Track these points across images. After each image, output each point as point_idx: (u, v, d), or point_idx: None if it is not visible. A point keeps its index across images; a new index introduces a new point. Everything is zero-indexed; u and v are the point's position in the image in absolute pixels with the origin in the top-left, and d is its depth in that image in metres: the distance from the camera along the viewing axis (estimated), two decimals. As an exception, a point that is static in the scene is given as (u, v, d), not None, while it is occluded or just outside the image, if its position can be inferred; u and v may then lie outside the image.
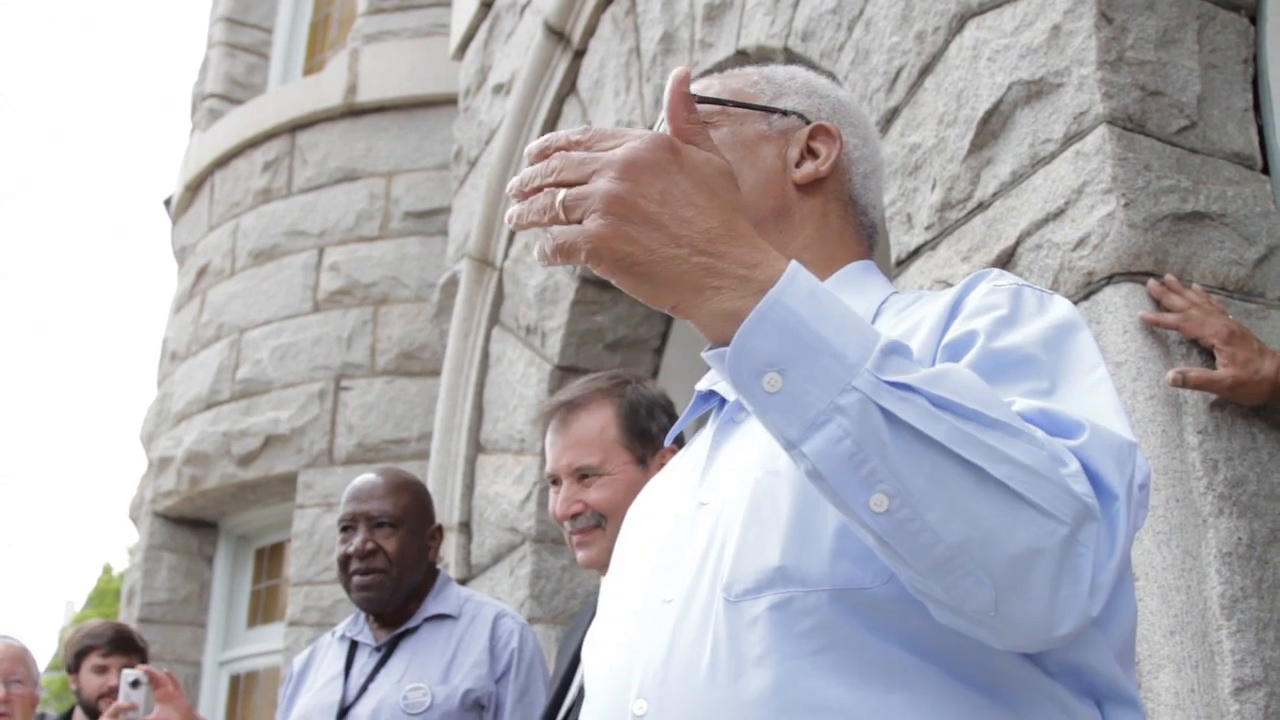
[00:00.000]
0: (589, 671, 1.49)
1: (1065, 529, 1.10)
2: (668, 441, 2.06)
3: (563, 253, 1.14)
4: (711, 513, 1.39)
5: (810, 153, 1.63)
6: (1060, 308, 1.37)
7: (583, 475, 2.66)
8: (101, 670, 4.67)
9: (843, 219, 1.64)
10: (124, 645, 4.74)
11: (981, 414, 1.11)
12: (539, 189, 1.17)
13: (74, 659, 4.83)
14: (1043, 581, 1.10)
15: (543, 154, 1.19)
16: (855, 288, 1.56)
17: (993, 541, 1.09)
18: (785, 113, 1.65)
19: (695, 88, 1.65)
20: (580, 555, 2.65)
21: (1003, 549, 1.09)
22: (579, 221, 1.13)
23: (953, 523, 1.09)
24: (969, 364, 1.26)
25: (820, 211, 1.62)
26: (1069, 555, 1.10)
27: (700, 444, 1.56)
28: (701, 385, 1.63)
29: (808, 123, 1.64)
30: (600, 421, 2.69)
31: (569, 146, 1.18)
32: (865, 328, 1.13)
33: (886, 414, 1.08)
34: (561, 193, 1.14)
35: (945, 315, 1.39)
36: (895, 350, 1.13)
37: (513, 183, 1.19)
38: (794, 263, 1.14)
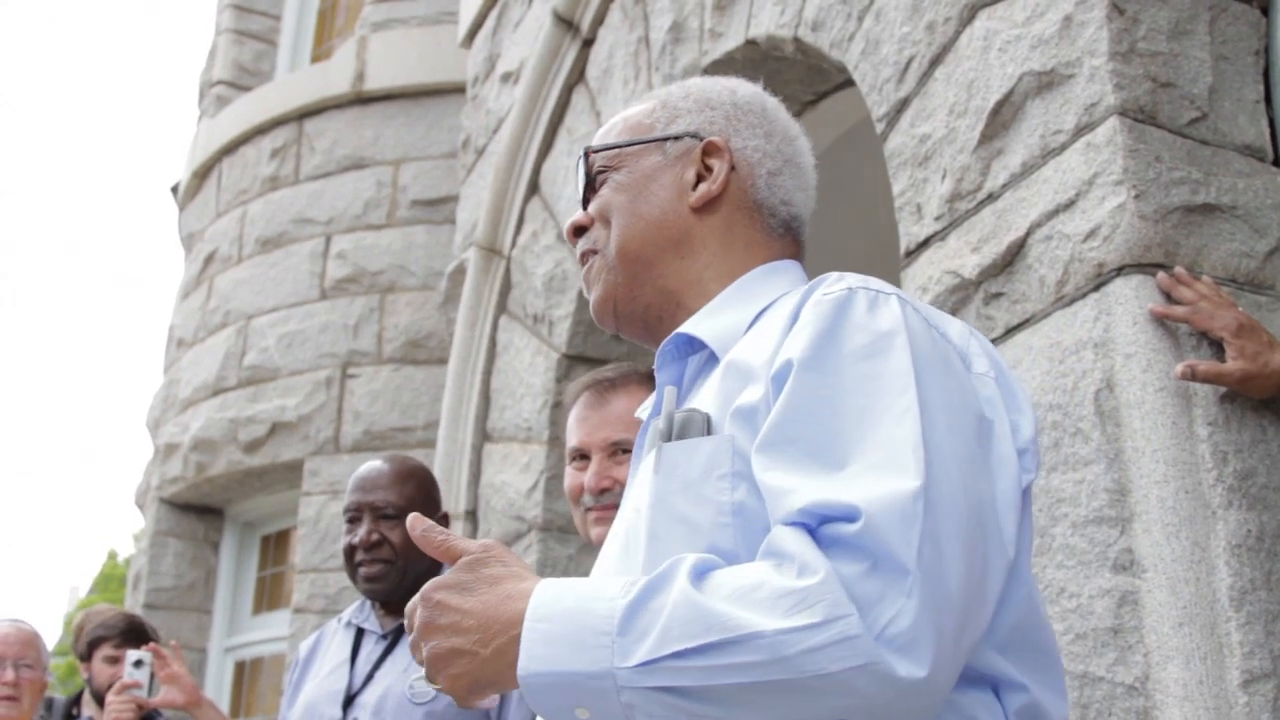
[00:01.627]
0: None
1: (837, 674, 1.19)
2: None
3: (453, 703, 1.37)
4: (617, 534, 1.54)
5: (707, 170, 1.68)
6: (884, 317, 1.40)
7: (617, 452, 2.63)
8: (114, 661, 4.70)
9: (749, 226, 1.68)
10: (136, 636, 4.76)
11: (708, 645, 1.21)
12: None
13: (86, 648, 4.86)
14: (864, 709, 1.20)
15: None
16: (743, 298, 1.60)
17: (806, 712, 1.21)
18: (677, 137, 1.70)
19: (599, 134, 1.77)
20: (596, 532, 2.62)
21: (815, 711, 1.21)
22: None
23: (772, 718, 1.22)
24: (775, 421, 1.33)
25: (723, 227, 1.67)
26: (859, 680, 1.19)
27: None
28: (638, 412, 1.75)
29: (701, 140, 1.69)
30: (639, 404, 2.67)
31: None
32: (601, 624, 1.25)
33: (656, 689, 1.22)
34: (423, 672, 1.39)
35: (782, 331, 1.43)
36: (630, 616, 1.24)
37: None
38: (531, 601, 1.29)
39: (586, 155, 1.75)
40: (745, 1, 4.51)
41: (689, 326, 1.60)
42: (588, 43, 5.87)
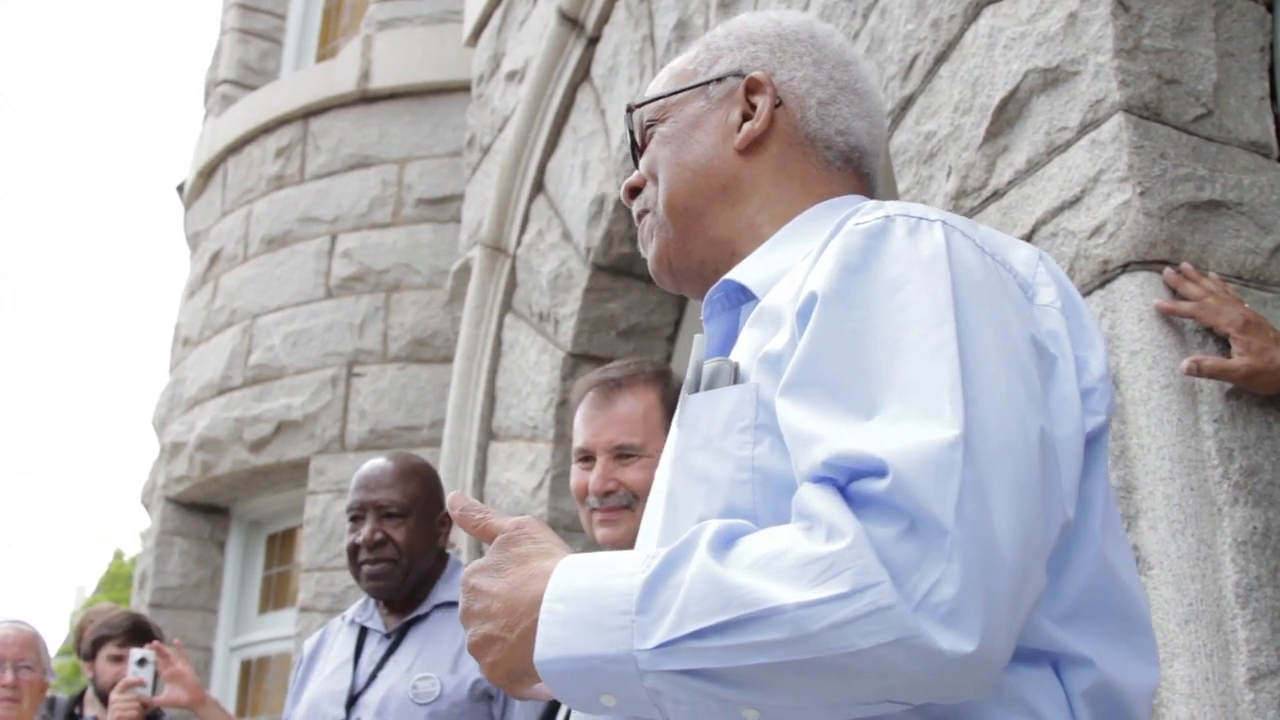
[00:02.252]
0: None
1: (868, 651, 1.08)
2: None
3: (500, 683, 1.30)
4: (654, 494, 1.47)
5: (751, 108, 1.59)
6: (925, 244, 1.27)
7: (621, 454, 2.62)
8: (117, 660, 4.71)
9: (803, 162, 1.58)
10: (140, 635, 4.77)
11: (727, 622, 1.12)
12: None
13: (90, 647, 4.87)
14: (902, 685, 1.10)
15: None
16: (795, 238, 1.49)
17: (839, 692, 1.12)
18: (720, 79, 1.62)
19: (648, 88, 1.72)
20: (602, 533, 2.61)
21: (849, 691, 1.12)
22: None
23: (803, 698, 1.14)
24: (800, 360, 1.23)
25: (774, 166, 1.58)
26: (895, 656, 1.08)
27: None
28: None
29: (743, 78, 1.61)
30: (645, 404, 2.65)
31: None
32: (621, 596, 1.17)
33: (679, 672, 1.14)
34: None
35: (812, 263, 1.34)
36: (649, 594, 1.16)
37: None
38: (550, 582, 1.22)
39: (630, 111, 1.70)
40: (749, 0, 4.50)
41: (736, 273, 1.49)
42: (593, 41, 5.88)
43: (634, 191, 1.68)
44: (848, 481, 1.14)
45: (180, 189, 10.73)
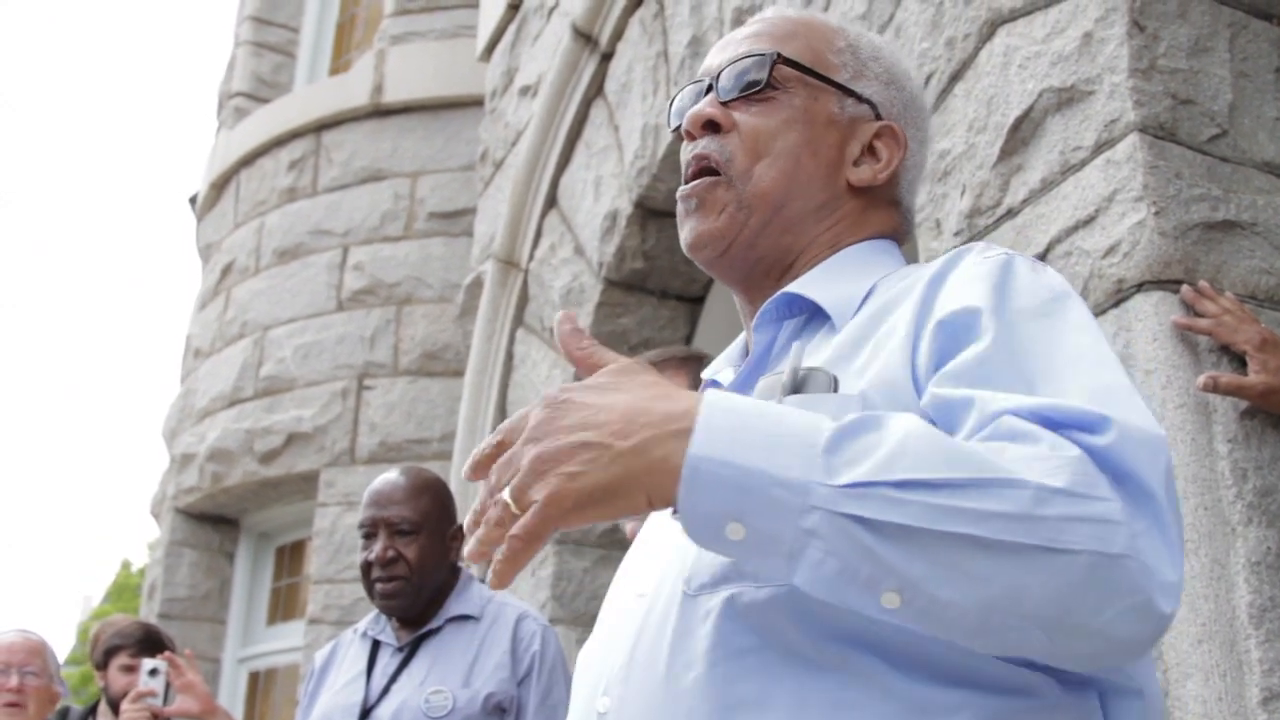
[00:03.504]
0: (575, 669, 1.47)
1: (1084, 556, 1.04)
2: None
3: (528, 533, 1.11)
4: None
5: (870, 151, 1.56)
6: (1054, 277, 1.33)
7: None
8: (129, 670, 4.72)
9: (880, 216, 1.57)
10: (152, 645, 4.78)
11: (950, 480, 1.06)
12: (485, 508, 1.18)
13: (103, 657, 4.89)
14: (1087, 610, 1.06)
15: (475, 471, 1.20)
16: (855, 270, 1.49)
17: (1017, 596, 1.05)
18: (860, 99, 1.57)
19: (757, 29, 1.59)
20: (630, 526, 2.61)
21: (1030, 599, 1.05)
22: (529, 505, 1.12)
23: (969, 593, 1.06)
24: (970, 358, 1.21)
25: (861, 209, 1.55)
26: (1108, 574, 1.05)
27: None
28: (706, 373, 1.60)
29: (878, 117, 1.57)
30: (677, 385, 2.66)
31: (497, 454, 1.18)
32: (802, 430, 1.09)
33: (856, 519, 1.05)
34: (505, 493, 1.13)
35: (927, 288, 1.33)
36: (841, 438, 1.09)
37: (466, 520, 1.19)
38: (707, 396, 1.13)
39: (755, 54, 1.55)
40: (764, 16, 4.51)
41: (804, 289, 1.46)
42: (606, 57, 5.89)
43: (711, 127, 1.54)
44: (1054, 427, 1.11)
45: (193, 201, 10.76)
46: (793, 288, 1.47)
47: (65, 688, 4.77)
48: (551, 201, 6.23)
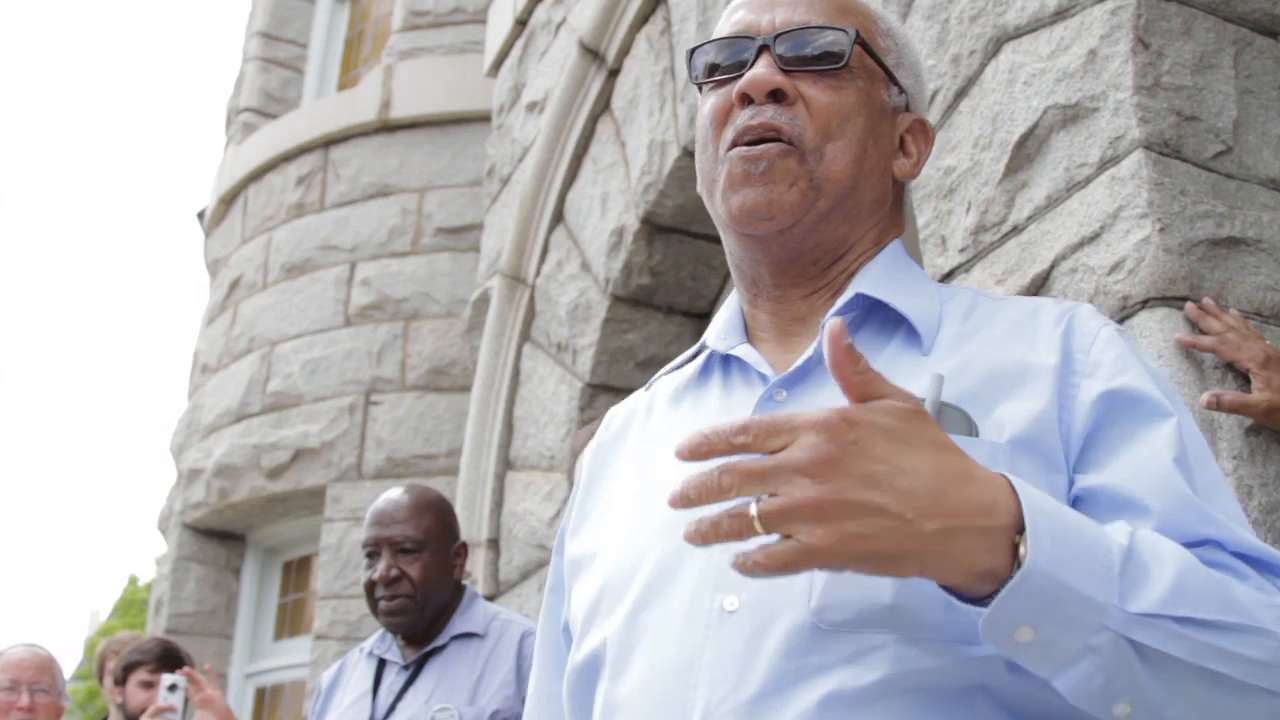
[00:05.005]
0: (611, 656, 1.35)
1: None
2: (647, 386, 1.66)
3: (781, 565, 1.03)
4: None
5: (901, 145, 1.53)
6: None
7: None
8: (148, 685, 4.74)
9: (897, 209, 1.55)
10: (171, 661, 4.80)
11: (1218, 622, 1.11)
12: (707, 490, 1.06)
13: (121, 672, 4.91)
14: None
15: (695, 454, 1.07)
16: (911, 277, 1.47)
17: None
18: (901, 89, 1.53)
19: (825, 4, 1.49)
20: None
21: None
22: (787, 535, 1.03)
23: (1192, 715, 1.12)
24: (1150, 456, 1.24)
25: (893, 202, 1.53)
26: None
27: (717, 406, 1.45)
28: (717, 345, 1.50)
29: (907, 109, 1.54)
30: None
31: (731, 451, 1.06)
32: (1099, 547, 1.10)
33: (1136, 646, 1.08)
34: (753, 507, 1.03)
35: (1063, 345, 1.34)
36: (1130, 560, 1.10)
37: (674, 494, 1.06)
38: (1025, 500, 1.08)
39: (833, 27, 1.46)
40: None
41: (886, 296, 1.42)
42: (613, 73, 5.90)
43: (776, 96, 1.44)
44: (1259, 568, 1.20)
45: (201, 216, 10.78)
46: (869, 290, 1.42)
47: (70, 702, 4.78)
48: (558, 217, 6.24)
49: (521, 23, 7.03)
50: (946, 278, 3.34)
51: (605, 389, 5.67)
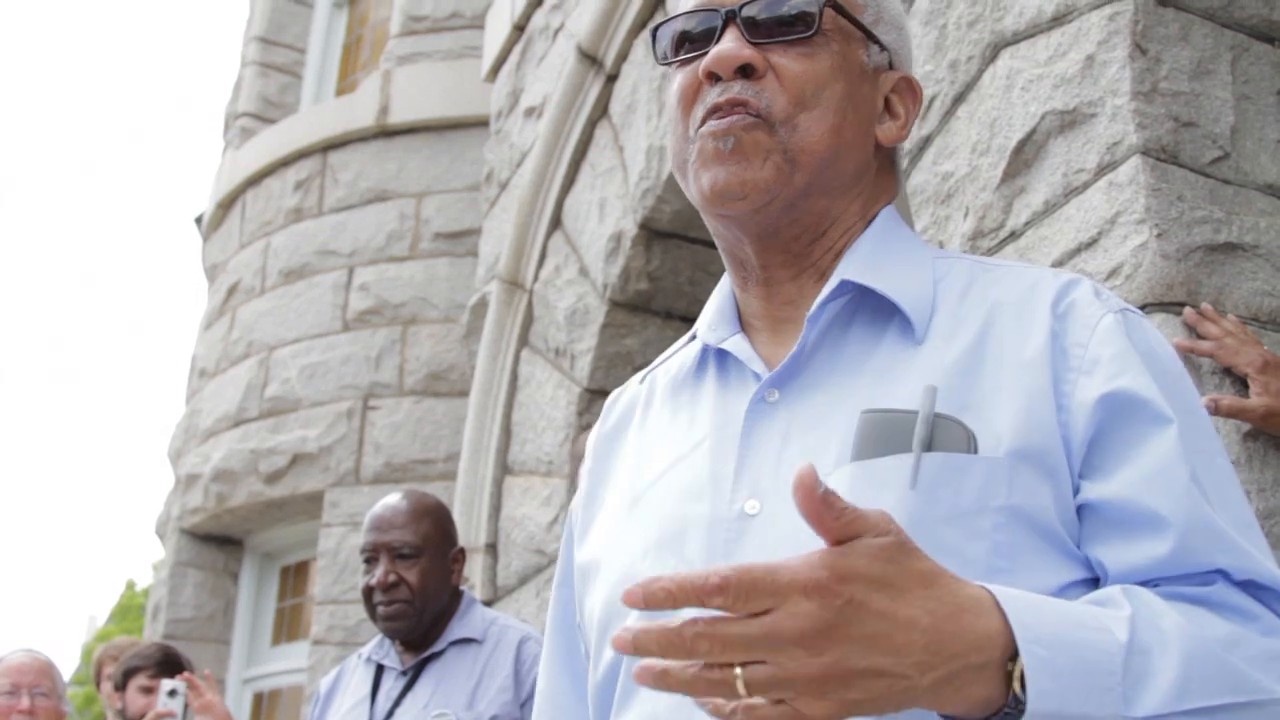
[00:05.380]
0: (621, 682, 1.32)
1: None
2: (642, 377, 1.60)
3: None
4: (769, 529, 1.24)
5: (887, 106, 1.45)
6: (1172, 349, 1.34)
7: None
8: (148, 691, 4.75)
9: (890, 183, 1.48)
10: (171, 666, 4.80)
11: (1229, 704, 1.09)
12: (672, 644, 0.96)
13: (121, 678, 4.91)
14: None
15: (652, 604, 0.95)
16: (899, 251, 1.40)
17: None
18: (882, 46, 1.44)
19: None
20: None
21: None
22: (777, 700, 0.96)
23: None
24: (1154, 467, 1.20)
25: (878, 169, 1.45)
26: None
27: (712, 409, 1.39)
28: (708, 337, 1.44)
29: (890, 66, 1.45)
30: None
31: (703, 606, 0.95)
32: (1101, 657, 1.06)
33: None
34: (738, 672, 0.95)
35: (1051, 335, 1.28)
36: (1132, 657, 1.07)
37: (625, 639, 0.95)
38: (1018, 629, 1.03)
39: None
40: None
41: (872, 281, 1.35)
42: (611, 78, 5.90)
43: (744, 71, 1.36)
44: (1265, 594, 1.18)
45: (199, 221, 10.78)
46: (856, 276, 1.35)
47: (70, 707, 4.78)
48: (556, 222, 6.24)
49: (519, 28, 7.03)
50: (944, 283, 3.33)
51: (603, 394, 5.67)
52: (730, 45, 1.36)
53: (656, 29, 1.46)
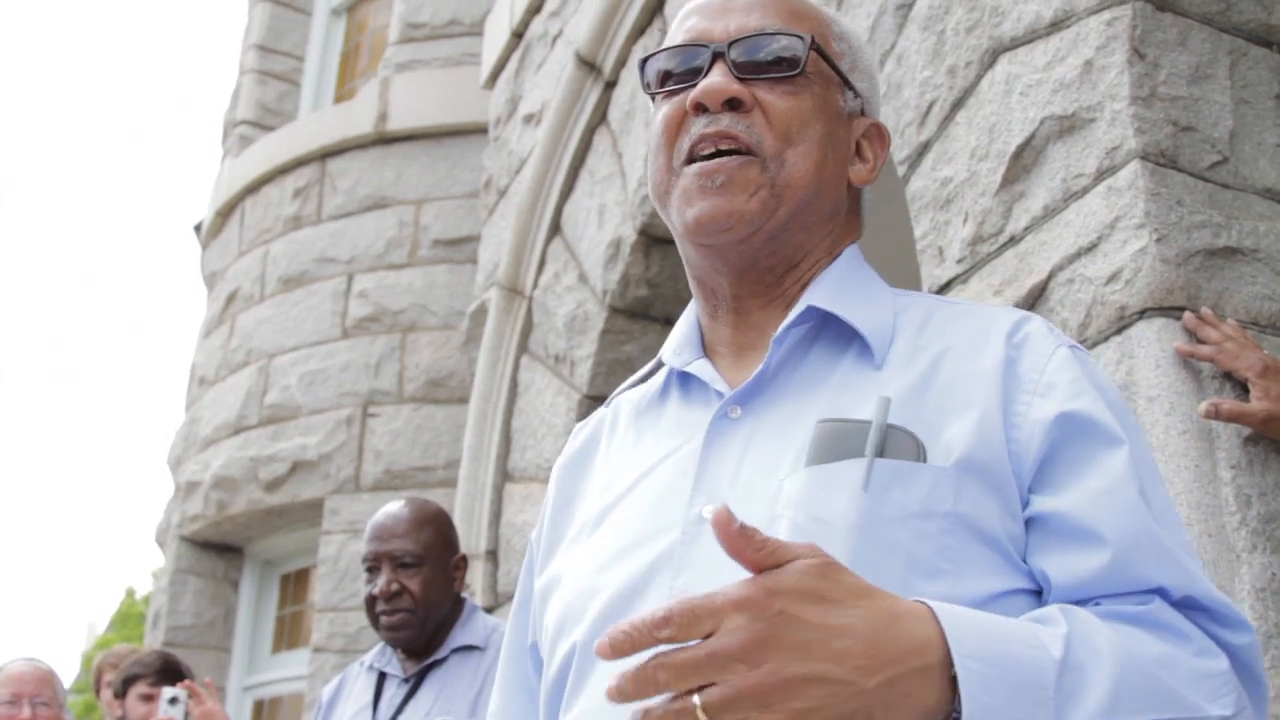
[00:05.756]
0: (570, 683, 1.35)
1: None
2: (608, 402, 1.67)
3: None
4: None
5: (857, 150, 1.51)
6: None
7: None
8: (148, 699, 4.75)
9: (857, 224, 1.55)
10: (171, 674, 4.80)
11: None
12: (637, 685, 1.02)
13: (121, 685, 4.91)
14: None
15: (618, 651, 1.01)
16: (865, 288, 1.46)
17: None
18: (856, 93, 1.51)
19: (775, 8, 1.47)
20: None
21: None
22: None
23: None
24: (1102, 486, 1.25)
25: (849, 212, 1.52)
26: None
27: (675, 429, 1.45)
28: (673, 361, 1.50)
29: (862, 113, 1.52)
30: None
31: (655, 644, 1.01)
32: (1034, 672, 1.10)
33: None
34: (696, 700, 0.99)
35: (1005, 364, 1.33)
36: (1065, 672, 1.11)
37: (611, 688, 1.02)
38: (952, 640, 1.08)
39: (788, 33, 1.45)
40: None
41: (836, 308, 1.40)
42: (610, 85, 5.91)
43: (733, 105, 1.42)
44: (1200, 615, 1.22)
45: (198, 229, 10.79)
46: (822, 303, 1.41)
47: (71, 715, 4.78)
48: (555, 229, 6.25)
49: (518, 35, 7.04)
50: (944, 288, 3.35)
51: (603, 400, 5.66)
52: (719, 79, 1.41)
53: (645, 60, 1.51)
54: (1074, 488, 1.26)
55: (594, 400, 5.68)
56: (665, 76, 1.48)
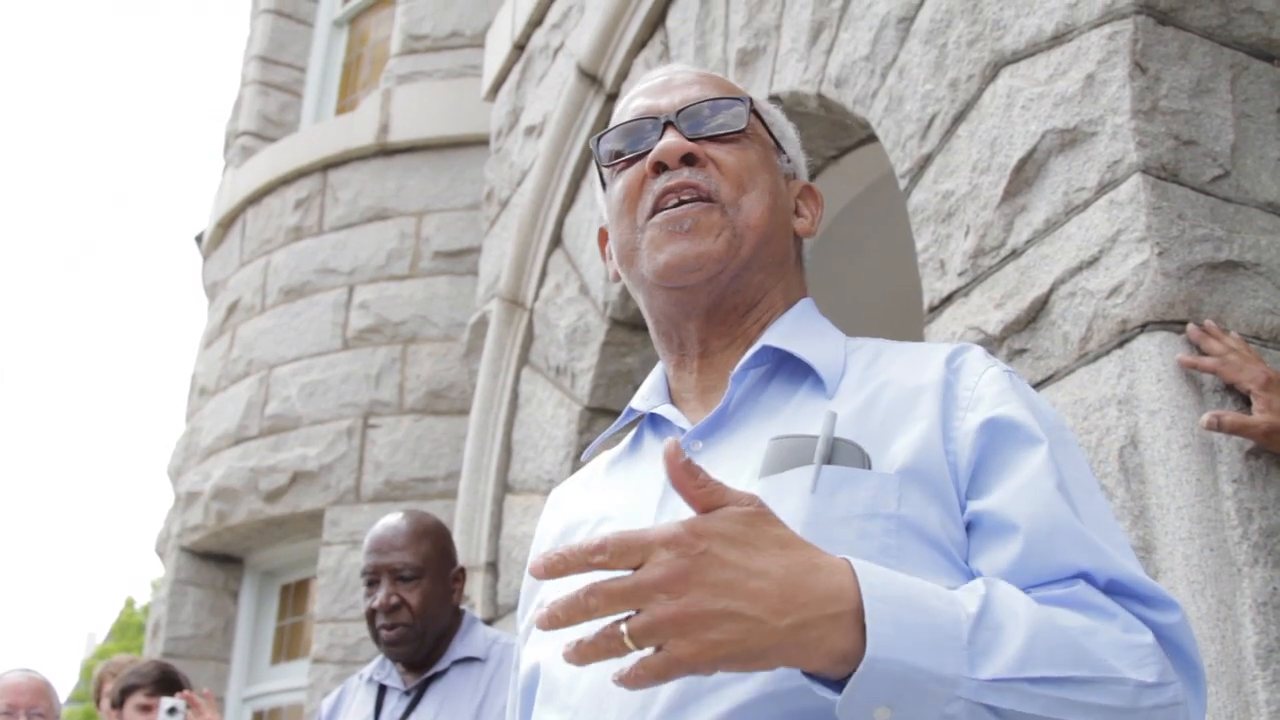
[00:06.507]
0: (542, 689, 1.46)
1: None
2: (585, 456, 1.80)
3: (655, 676, 1.10)
4: None
5: (795, 209, 1.66)
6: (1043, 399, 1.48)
7: None
8: (146, 709, 4.74)
9: (800, 268, 1.68)
10: (169, 685, 4.79)
11: (1072, 677, 1.17)
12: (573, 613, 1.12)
13: (119, 695, 4.90)
14: None
15: (549, 570, 1.12)
16: (819, 329, 1.58)
17: None
18: (789, 158, 1.68)
19: (701, 71, 1.67)
20: None
21: None
22: (658, 647, 1.09)
23: None
24: (1024, 483, 1.32)
25: (797, 263, 1.66)
26: None
27: (646, 470, 1.54)
28: (639, 405, 1.62)
29: (795, 177, 1.68)
30: None
31: (587, 568, 1.11)
32: (947, 621, 1.16)
33: (992, 709, 1.14)
34: (623, 626, 1.10)
35: (944, 384, 1.43)
36: (979, 629, 1.16)
37: (541, 615, 1.12)
38: (864, 586, 1.14)
39: (729, 98, 1.61)
40: (769, 58, 4.54)
41: (791, 346, 1.52)
42: (611, 97, 5.91)
43: (689, 160, 1.56)
44: (1120, 594, 1.28)
45: (199, 239, 10.79)
46: (777, 343, 1.52)
47: (66, 726, 4.78)
48: (557, 241, 6.25)
49: (520, 47, 7.05)
50: (945, 301, 3.35)
51: (604, 412, 5.67)
52: (673, 139, 1.56)
53: (599, 138, 1.66)
54: (998, 488, 1.34)
55: (594, 412, 5.68)
56: (618, 153, 1.63)
